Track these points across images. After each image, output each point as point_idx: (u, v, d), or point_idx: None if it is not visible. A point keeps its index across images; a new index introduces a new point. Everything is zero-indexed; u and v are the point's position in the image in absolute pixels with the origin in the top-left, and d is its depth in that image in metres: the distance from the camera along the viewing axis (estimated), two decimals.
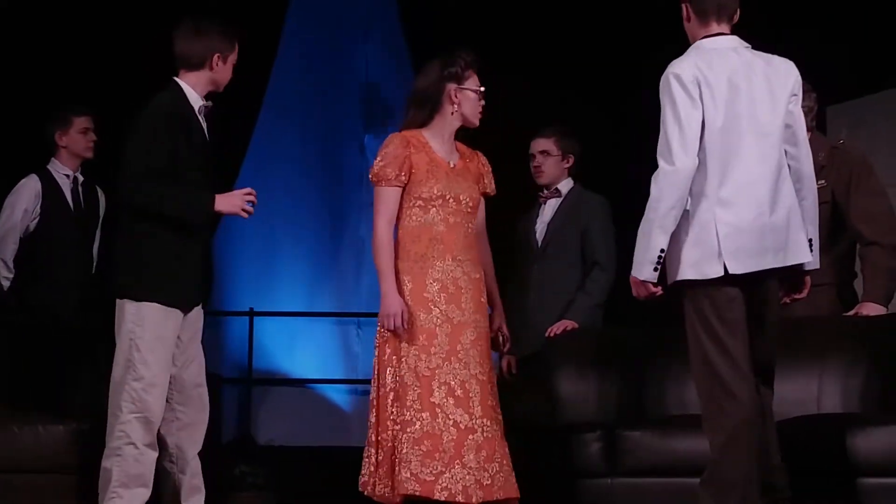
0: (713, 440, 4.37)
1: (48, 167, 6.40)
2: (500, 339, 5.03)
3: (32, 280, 6.29)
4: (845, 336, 5.27)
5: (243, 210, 4.97)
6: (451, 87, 4.92)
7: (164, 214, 4.88)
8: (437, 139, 4.95)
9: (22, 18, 7.41)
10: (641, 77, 5.27)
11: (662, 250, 4.33)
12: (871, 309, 5.36)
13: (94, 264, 6.42)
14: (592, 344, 5.83)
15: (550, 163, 6.13)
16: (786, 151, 4.43)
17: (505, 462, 4.79)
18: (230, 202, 4.96)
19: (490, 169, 5.09)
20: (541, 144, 6.16)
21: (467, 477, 4.72)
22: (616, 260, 6.03)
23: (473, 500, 4.73)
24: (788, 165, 4.43)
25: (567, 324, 5.93)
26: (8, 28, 7.36)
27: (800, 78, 4.48)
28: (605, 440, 5.16)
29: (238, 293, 8.27)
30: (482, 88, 4.95)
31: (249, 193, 4.98)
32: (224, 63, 5.05)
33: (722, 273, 4.32)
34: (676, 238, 4.36)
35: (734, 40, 4.48)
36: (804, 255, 4.43)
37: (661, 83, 4.39)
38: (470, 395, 4.79)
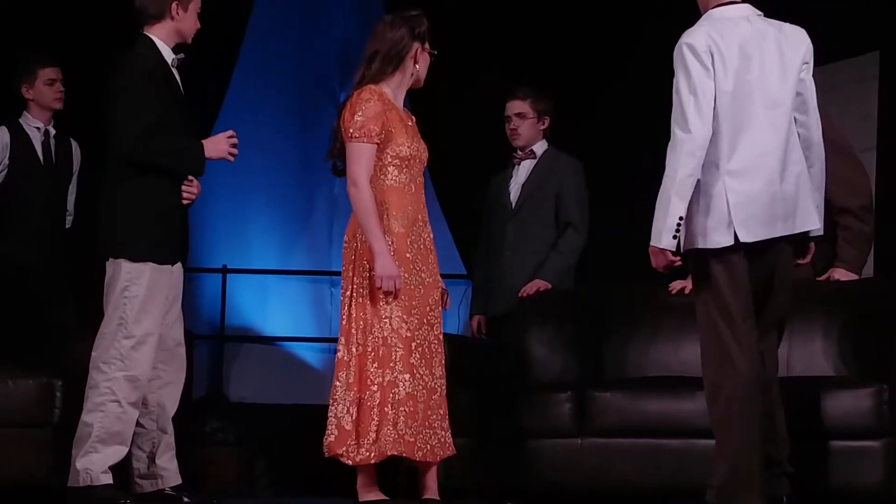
0: (712, 409, 4.40)
1: (19, 120, 6.34)
2: (445, 297, 5.01)
3: (1, 233, 6.21)
4: (816, 300, 5.30)
5: (229, 153, 4.96)
6: (417, 46, 4.89)
7: (170, 169, 4.91)
8: (395, 97, 4.92)
9: None
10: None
11: (681, 218, 4.32)
12: (843, 274, 5.39)
13: (71, 218, 6.38)
14: (564, 304, 5.84)
15: (527, 125, 6.12)
16: (795, 119, 4.44)
17: (447, 420, 4.84)
18: (217, 147, 4.97)
19: None
20: (516, 106, 6.14)
21: (432, 437, 4.77)
22: (588, 222, 6.05)
23: (437, 458, 4.79)
24: (798, 133, 4.45)
25: (539, 284, 5.94)
26: None
27: (811, 46, 4.48)
28: (575, 401, 5.18)
29: (211, 250, 8.25)
30: (435, 51, 4.93)
31: (232, 136, 4.97)
32: (185, 10, 5.00)
33: (732, 242, 4.34)
34: (688, 207, 4.37)
35: (746, 8, 4.47)
36: (812, 222, 4.46)
37: (674, 53, 4.38)
38: (434, 355, 4.83)
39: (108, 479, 4.90)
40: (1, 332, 5.87)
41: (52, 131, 6.36)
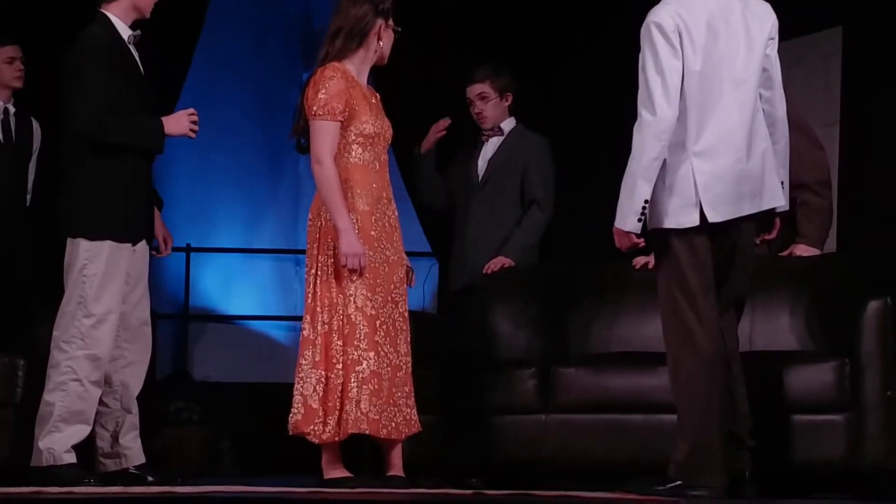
0: (674, 385, 4.42)
1: None
2: (409, 274, 5.00)
3: None
4: (778, 276, 5.31)
5: (190, 130, 4.94)
6: (381, 23, 4.87)
7: (128, 147, 4.90)
8: (359, 74, 4.90)
9: None
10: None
11: (646, 201, 4.33)
12: (804, 250, 5.40)
13: (30, 197, 6.33)
14: (529, 281, 5.85)
15: (490, 105, 6.12)
16: (760, 94, 4.44)
17: (412, 397, 4.84)
18: (178, 123, 4.95)
19: None
20: (477, 89, 6.13)
21: (397, 414, 4.78)
22: (553, 200, 6.06)
23: (402, 436, 4.79)
24: (763, 109, 4.45)
25: (503, 261, 5.94)
26: None
27: (777, 21, 4.48)
28: (539, 377, 5.19)
29: (175, 229, 8.20)
30: (399, 28, 4.91)
31: (193, 114, 4.95)
32: None
33: (698, 223, 4.35)
34: (654, 187, 4.36)
35: None
36: (778, 198, 4.47)
37: (641, 32, 4.37)
38: (398, 333, 4.82)
39: (71, 458, 4.89)
40: None
41: (12, 109, 6.32)
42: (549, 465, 5.17)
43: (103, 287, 4.88)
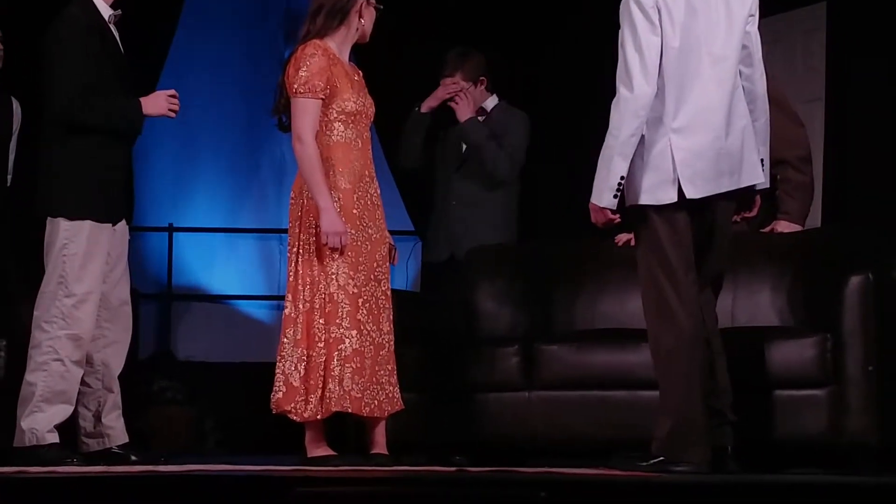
0: (655, 362, 4.43)
1: None
2: (392, 252, 5.00)
3: None
4: (759, 252, 5.32)
5: (170, 110, 4.92)
6: (362, 1, 4.85)
7: (106, 128, 4.89)
8: (341, 53, 4.88)
9: None
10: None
11: (622, 177, 4.32)
12: (785, 227, 5.41)
13: (10, 177, 6.30)
14: (512, 259, 5.85)
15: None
16: (740, 71, 4.43)
17: (396, 375, 4.84)
18: (157, 104, 4.94)
19: None
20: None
21: (380, 392, 4.78)
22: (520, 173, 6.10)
23: (385, 414, 4.80)
24: (742, 86, 4.44)
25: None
26: None
27: None
28: (522, 354, 5.20)
29: (157, 208, 8.19)
30: (381, 6, 4.90)
31: (173, 94, 4.94)
32: None
33: (676, 199, 4.35)
34: (631, 163, 4.35)
35: None
36: (757, 175, 4.47)
37: (620, 7, 4.36)
38: (381, 311, 4.81)
39: (53, 438, 4.88)
40: None
41: None
42: (532, 442, 5.18)
43: (84, 267, 4.87)
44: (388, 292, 4.88)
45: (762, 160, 4.50)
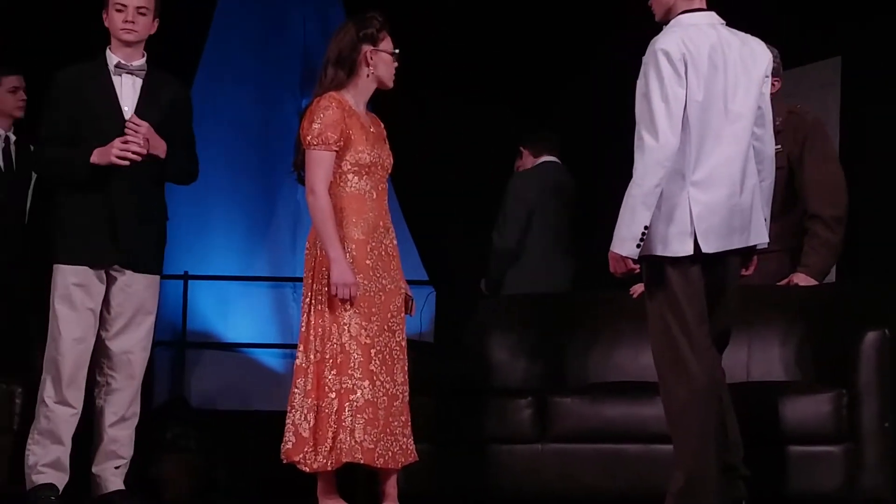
0: (669, 416, 4.42)
1: None
2: (409, 303, 5.01)
3: None
4: (775, 306, 5.31)
5: (116, 157, 4.97)
6: (367, 49, 4.86)
7: (54, 178, 5.11)
8: (357, 103, 4.90)
9: None
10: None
11: (646, 227, 4.32)
12: (803, 279, 5.39)
13: (26, 219, 6.35)
14: (526, 310, 5.84)
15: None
16: (753, 131, 4.45)
17: (410, 426, 4.84)
18: (105, 153, 5.00)
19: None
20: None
21: (394, 444, 4.76)
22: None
23: (399, 465, 4.78)
24: (753, 146, 4.46)
25: None
26: None
27: (772, 60, 4.51)
28: (536, 406, 5.18)
29: (172, 256, 8.20)
30: (396, 50, 4.92)
31: (125, 141, 4.97)
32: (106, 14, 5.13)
33: (692, 252, 4.35)
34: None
35: (711, 16, 4.46)
36: (763, 235, 4.49)
37: (646, 58, 4.37)
38: (395, 361, 4.81)
39: (44, 478, 4.98)
40: None
41: (13, 137, 6.38)
42: (545, 495, 5.15)
43: (60, 310, 5.01)
44: (403, 343, 4.87)
45: (766, 220, 4.53)
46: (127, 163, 4.96)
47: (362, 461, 4.67)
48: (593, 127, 7.17)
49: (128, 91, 5.10)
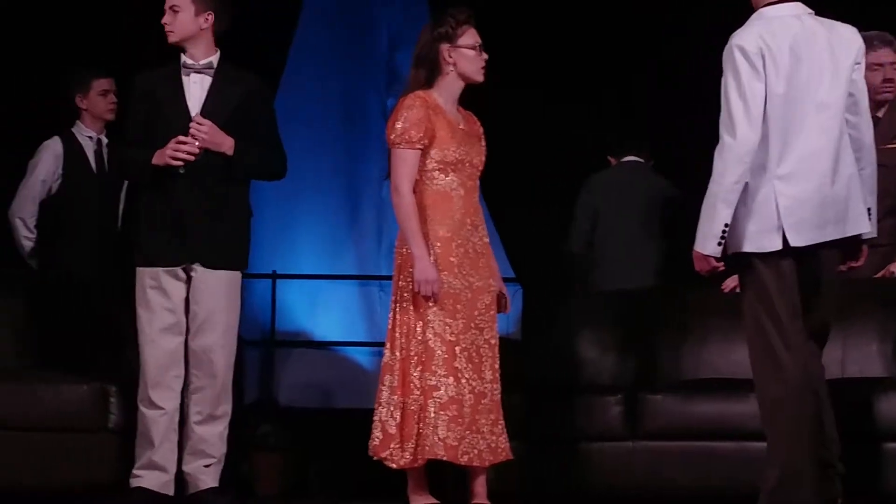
0: (762, 412, 4.38)
1: (73, 129, 6.48)
2: (503, 301, 5.00)
3: (54, 241, 6.38)
4: (871, 299, 5.24)
5: (170, 157, 5.00)
6: (444, 47, 4.86)
7: (122, 176, 5.75)
8: (446, 101, 4.90)
9: None
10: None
11: (727, 225, 4.30)
12: None
13: (120, 223, 6.45)
14: (615, 307, 5.82)
15: None
16: (847, 120, 4.40)
17: (502, 424, 4.82)
18: (161, 154, 5.03)
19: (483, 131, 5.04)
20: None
21: (481, 441, 4.76)
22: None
23: (486, 463, 4.78)
24: (849, 134, 4.40)
25: None
26: None
27: (863, 45, 4.45)
28: (626, 403, 5.16)
29: (261, 255, 8.26)
30: (479, 43, 4.90)
31: (180, 141, 4.99)
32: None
33: (781, 246, 4.32)
34: (735, 210, 4.34)
35: (797, 7, 4.42)
36: (863, 225, 4.42)
37: (724, 54, 4.35)
38: (483, 359, 4.81)
39: (137, 482, 5.05)
40: (56, 340, 5.92)
41: (105, 140, 6.48)
42: (636, 493, 5.13)
43: (140, 311, 5.09)
44: (493, 341, 4.86)
45: (869, 209, 4.45)
46: (181, 163, 4.98)
47: (445, 458, 4.69)
48: (685, 124, 7.10)
49: (196, 90, 5.10)
